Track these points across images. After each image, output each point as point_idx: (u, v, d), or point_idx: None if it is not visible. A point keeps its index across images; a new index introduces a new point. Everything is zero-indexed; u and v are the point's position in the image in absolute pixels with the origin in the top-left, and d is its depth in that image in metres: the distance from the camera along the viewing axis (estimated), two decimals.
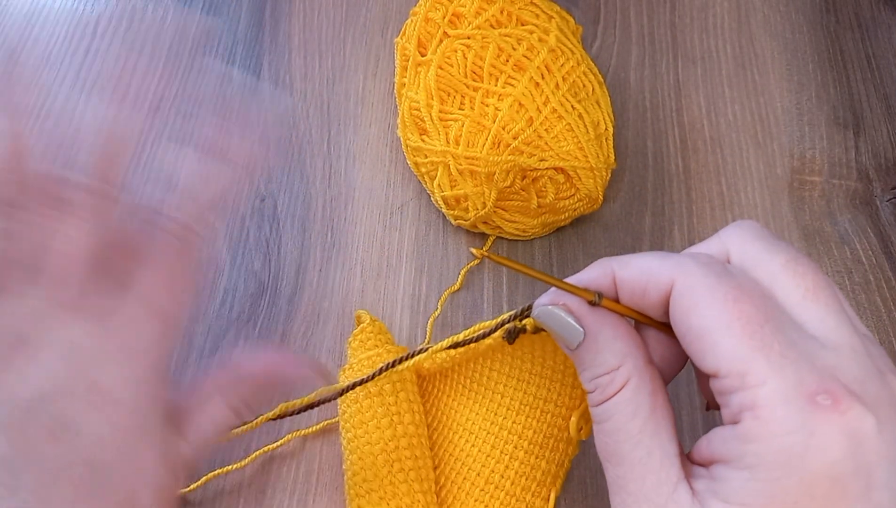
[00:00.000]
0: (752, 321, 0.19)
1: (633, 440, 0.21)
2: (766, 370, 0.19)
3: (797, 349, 0.19)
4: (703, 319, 0.20)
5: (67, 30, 0.47)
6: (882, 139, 0.43)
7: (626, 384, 0.21)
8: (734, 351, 0.19)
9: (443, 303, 0.37)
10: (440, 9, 0.39)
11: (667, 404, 0.22)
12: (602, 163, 0.36)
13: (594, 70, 0.38)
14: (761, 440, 0.18)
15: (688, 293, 0.20)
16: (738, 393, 0.19)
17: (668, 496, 0.20)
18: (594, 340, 0.22)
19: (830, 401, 0.18)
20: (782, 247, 0.21)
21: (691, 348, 0.20)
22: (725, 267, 0.21)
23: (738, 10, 0.48)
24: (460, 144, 0.35)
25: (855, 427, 0.18)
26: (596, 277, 0.23)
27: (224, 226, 0.40)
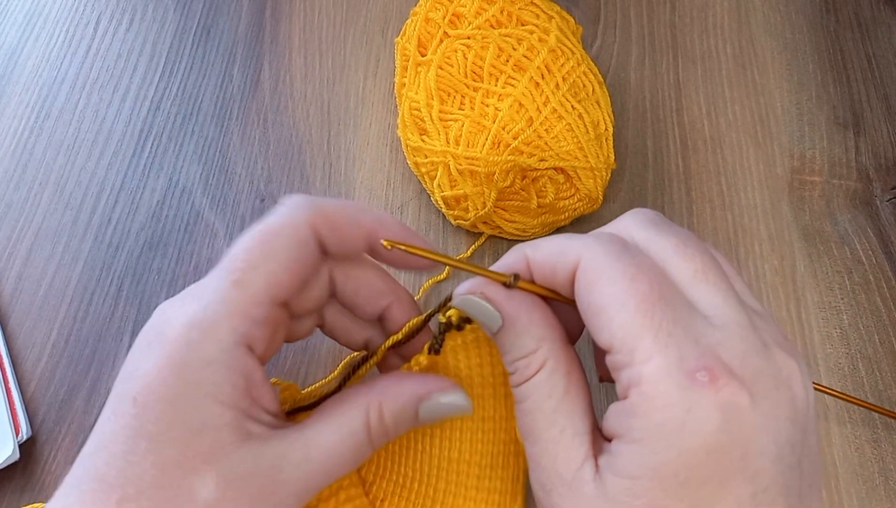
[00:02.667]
0: (646, 299, 0.20)
1: (548, 419, 0.22)
2: (652, 347, 0.19)
3: (683, 327, 0.20)
4: (601, 296, 0.21)
5: (67, 30, 0.47)
6: (882, 139, 0.43)
7: (542, 366, 0.22)
8: (626, 328, 0.20)
9: (426, 290, 0.37)
10: (440, 9, 0.39)
11: (582, 383, 0.23)
12: (602, 163, 0.36)
13: (594, 70, 0.38)
14: (645, 415, 0.19)
15: (590, 270, 0.21)
16: (626, 369, 0.20)
17: (574, 472, 0.21)
18: (512, 325, 0.23)
19: (708, 377, 0.19)
20: (673, 231, 0.23)
21: (590, 323, 0.21)
22: (627, 246, 0.22)
23: (738, 10, 0.48)
24: (460, 144, 0.35)
25: (730, 402, 0.19)
26: (512, 262, 0.24)
27: (224, 226, 0.40)
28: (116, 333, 0.36)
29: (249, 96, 0.44)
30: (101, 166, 0.41)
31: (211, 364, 0.22)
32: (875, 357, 0.37)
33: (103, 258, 0.38)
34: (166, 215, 0.40)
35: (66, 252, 0.39)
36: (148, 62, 0.45)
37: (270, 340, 0.24)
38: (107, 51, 0.46)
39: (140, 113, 0.43)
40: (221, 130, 0.43)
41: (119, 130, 0.43)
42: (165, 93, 0.44)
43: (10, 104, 0.44)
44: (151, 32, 0.47)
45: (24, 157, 0.42)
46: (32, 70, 0.45)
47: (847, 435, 0.34)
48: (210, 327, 0.22)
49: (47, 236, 0.39)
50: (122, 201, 0.40)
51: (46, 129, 0.43)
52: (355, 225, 0.26)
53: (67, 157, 0.42)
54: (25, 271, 0.38)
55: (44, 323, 0.37)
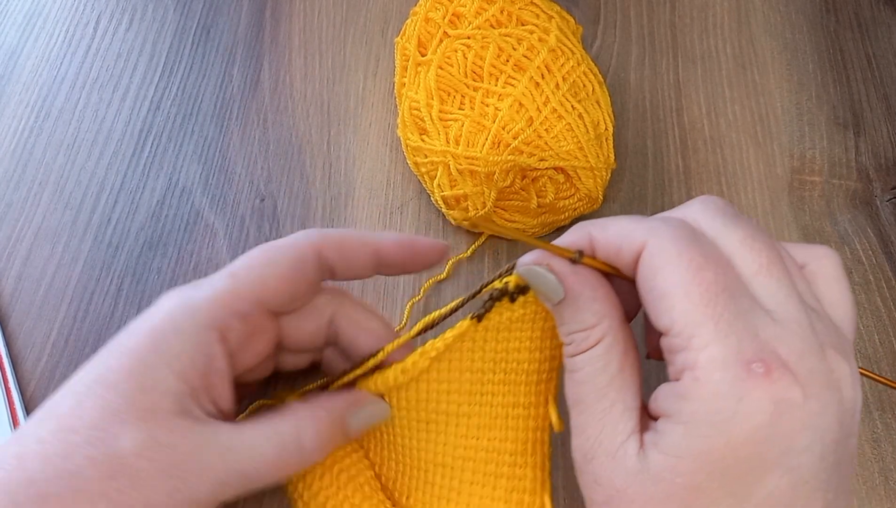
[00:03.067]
0: (710, 289, 0.20)
1: (600, 392, 0.23)
2: (711, 336, 0.20)
3: (744, 320, 0.20)
4: (665, 282, 0.21)
5: (67, 30, 0.47)
6: (882, 139, 0.43)
7: (600, 341, 0.23)
8: (687, 315, 0.20)
9: (426, 290, 0.37)
10: (440, 9, 0.39)
11: (636, 363, 0.23)
12: (602, 163, 0.36)
13: (594, 70, 0.38)
14: (696, 399, 0.20)
15: (656, 255, 0.22)
16: (682, 353, 0.20)
17: (619, 444, 0.22)
18: (575, 299, 0.23)
19: (763, 370, 0.19)
20: (742, 223, 0.23)
21: (650, 306, 0.22)
22: (695, 234, 0.22)
23: (738, 10, 0.48)
24: (460, 144, 0.35)
25: (782, 397, 0.19)
26: (576, 239, 0.24)
27: (224, 226, 0.40)
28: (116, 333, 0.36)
29: (249, 96, 0.44)
30: (100, 166, 0.41)
31: (179, 335, 0.24)
32: (875, 357, 0.37)
33: (103, 258, 0.38)
34: (166, 215, 0.40)
35: (66, 252, 0.39)
36: (148, 62, 0.45)
37: (247, 341, 0.26)
38: (107, 51, 0.46)
39: (140, 113, 0.43)
40: (221, 130, 0.43)
41: (119, 129, 0.43)
42: (165, 93, 0.44)
43: (10, 104, 0.44)
44: (151, 32, 0.47)
45: (24, 157, 0.42)
46: (32, 70, 0.45)
47: None
48: (193, 306, 0.24)
49: (47, 236, 0.39)
50: (121, 201, 0.40)
51: (46, 129, 0.43)
52: (360, 243, 0.27)
53: (67, 157, 0.42)
54: (25, 271, 0.38)
55: (44, 323, 0.36)
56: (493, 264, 0.39)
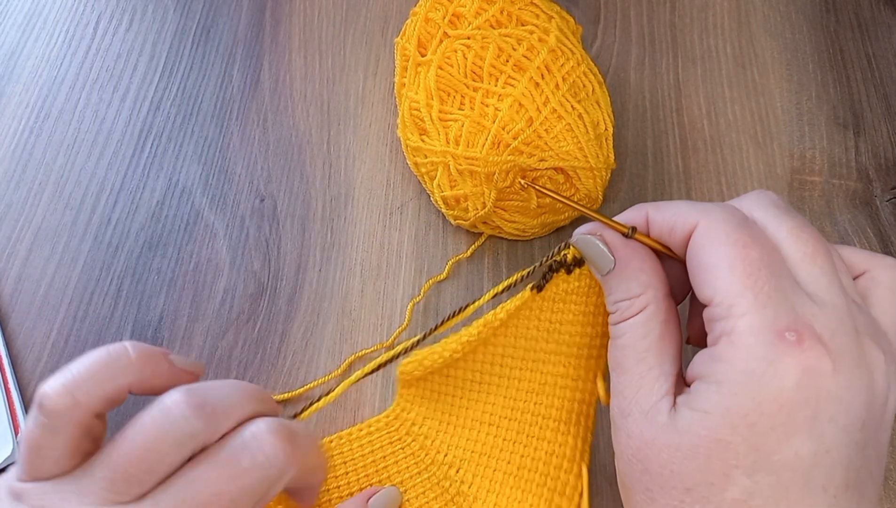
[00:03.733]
0: (754, 264, 0.22)
1: (639, 356, 0.24)
2: (750, 305, 0.21)
3: (784, 296, 0.21)
4: (712, 256, 0.23)
5: (67, 30, 0.47)
6: (882, 139, 0.43)
7: (643, 309, 0.24)
8: (730, 285, 0.22)
9: (426, 290, 0.37)
10: (440, 9, 0.39)
11: (676, 333, 0.25)
12: (602, 163, 0.36)
13: (594, 70, 0.38)
14: (729, 361, 0.21)
15: (707, 233, 0.23)
16: (722, 321, 0.22)
17: (653, 404, 0.23)
18: (623, 269, 0.25)
19: (795, 338, 0.21)
20: (792, 215, 0.24)
21: (696, 279, 0.23)
22: (745, 218, 0.24)
23: (738, 10, 0.48)
24: (460, 144, 0.35)
25: (811, 365, 0.20)
26: (633, 217, 0.26)
27: (224, 226, 0.40)
28: (116, 333, 0.36)
29: (249, 96, 0.44)
30: (100, 166, 0.41)
31: None
32: None
33: (103, 258, 0.38)
34: (166, 215, 0.40)
35: (66, 252, 0.39)
36: (148, 62, 0.45)
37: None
38: (107, 51, 0.46)
39: (140, 113, 0.43)
40: (221, 130, 0.43)
41: (119, 130, 0.43)
42: (165, 93, 0.44)
43: (10, 104, 0.44)
44: (151, 32, 0.47)
45: (24, 157, 0.42)
46: (32, 70, 0.45)
47: None
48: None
49: (47, 236, 0.39)
50: (121, 201, 0.40)
51: (46, 129, 0.43)
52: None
53: (67, 157, 0.42)
54: (25, 271, 0.38)
55: (44, 323, 0.37)
56: (493, 264, 0.39)
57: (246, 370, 0.36)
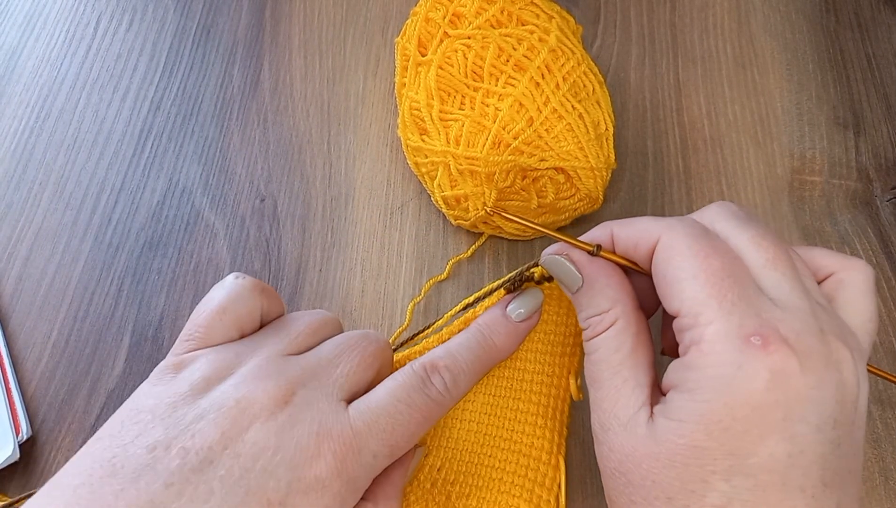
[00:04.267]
0: (716, 274, 0.22)
1: (614, 370, 0.25)
2: (715, 313, 0.22)
3: (748, 302, 0.22)
4: (676, 269, 0.23)
5: (67, 30, 0.47)
6: (882, 139, 0.43)
7: (613, 324, 0.25)
8: (694, 296, 0.22)
9: (426, 290, 0.37)
10: (440, 9, 0.39)
11: (648, 344, 0.25)
12: (602, 163, 0.36)
13: (594, 70, 0.38)
14: (700, 368, 0.22)
15: (669, 246, 0.24)
16: (690, 330, 0.22)
17: (631, 416, 0.24)
18: (590, 286, 0.26)
19: (761, 342, 0.21)
20: (752, 224, 0.24)
21: (663, 292, 0.24)
22: (705, 229, 0.24)
23: (738, 10, 0.48)
24: (460, 144, 0.35)
25: (779, 367, 0.21)
26: (598, 235, 0.27)
27: (224, 226, 0.40)
28: (116, 333, 0.36)
29: (249, 96, 0.44)
30: (101, 166, 0.41)
31: None
32: (875, 357, 0.37)
33: (103, 258, 0.38)
34: (166, 215, 0.40)
35: (66, 252, 0.39)
36: (148, 62, 0.45)
37: None
38: (107, 51, 0.46)
39: (140, 113, 0.43)
40: (221, 130, 0.43)
41: (119, 130, 0.43)
42: (165, 93, 0.44)
43: (10, 104, 0.44)
44: (151, 32, 0.47)
45: (24, 157, 0.42)
46: (32, 70, 0.45)
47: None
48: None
49: (47, 236, 0.39)
50: (122, 201, 0.40)
51: (46, 129, 0.43)
52: None
53: (67, 157, 0.42)
54: (25, 271, 0.38)
55: (44, 323, 0.37)
56: (493, 263, 0.39)
57: None
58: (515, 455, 0.31)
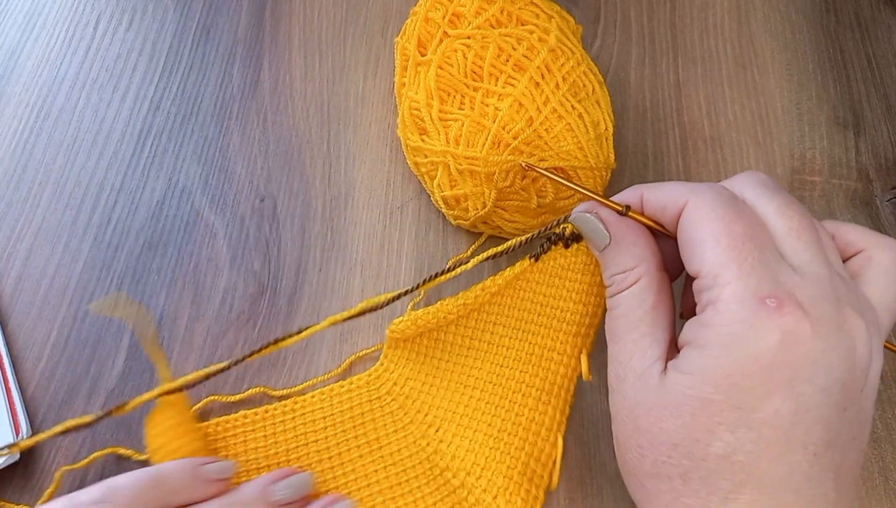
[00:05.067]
0: (739, 238, 0.23)
1: (633, 325, 0.25)
2: (734, 275, 0.22)
3: (767, 266, 0.23)
4: (700, 232, 0.24)
5: (67, 30, 0.47)
6: (882, 139, 0.43)
7: (636, 281, 0.26)
8: (715, 257, 0.23)
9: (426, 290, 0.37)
10: (440, 9, 0.39)
11: (669, 303, 0.26)
12: (602, 163, 0.36)
13: (594, 70, 0.38)
14: (713, 326, 0.22)
15: (695, 210, 0.24)
16: (709, 291, 0.23)
17: (645, 368, 0.24)
18: (617, 244, 0.27)
19: (775, 304, 0.22)
20: (780, 193, 0.25)
21: (686, 253, 0.24)
22: (733, 196, 0.25)
23: (738, 10, 0.48)
24: (460, 144, 0.35)
25: (790, 328, 0.21)
26: (628, 197, 0.28)
27: (224, 226, 0.40)
28: (116, 333, 0.36)
29: (249, 96, 0.44)
30: (100, 166, 0.41)
31: None
32: None
33: (103, 258, 0.38)
34: (166, 215, 0.40)
35: (66, 252, 0.39)
36: (148, 62, 0.45)
37: None
38: (107, 51, 0.46)
39: (140, 113, 0.43)
40: (221, 130, 0.43)
41: (119, 130, 0.43)
42: (165, 93, 0.44)
43: (10, 104, 0.44)
44: (151, 32, 0.47)
45: (24, 157, 0.42)
46: (32, 70, 0.45)
47: None
48: None
49: (47, 236, 0.39)
50: (121, 201, 0.40)
51: (46, 129, 0.43)
52: None
53: (67, 157, 0.42)
54: (25, 271, 0.38)
55: (44, 323, 0.36)
56: (493, 263, 0.39)
57: (246, 370, 0.36)
58: (515, 427, 0.31)
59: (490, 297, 0.31)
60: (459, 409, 0.32)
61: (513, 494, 0.30)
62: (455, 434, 0.31)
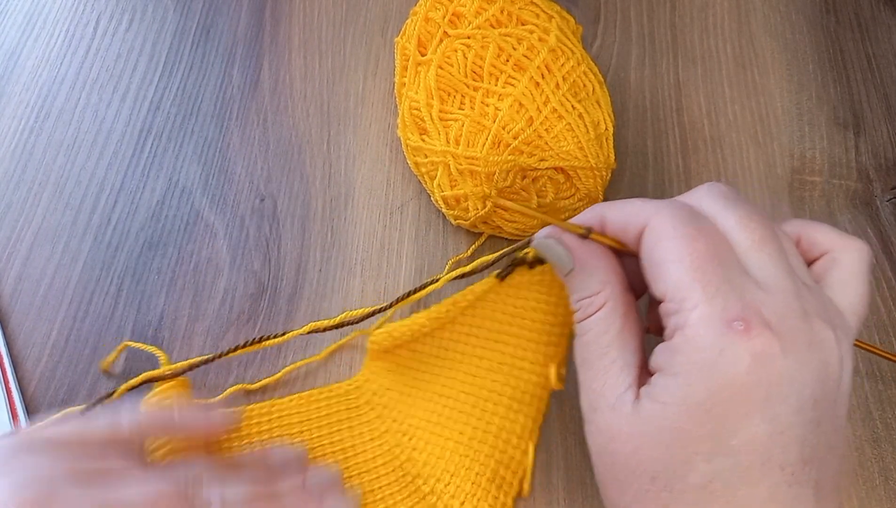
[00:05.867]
0: (702, 257, 0.22)
1: (602, 351, 0.25)
2: (700, 298, 0.22)
3: (732, 285, 0.22)
4: (663, 251, 0.23)
5: (67, 30, 0.47)
6: (882, 139, 0.43)
7: (602, 306, 0.25)
8: (680, 280, 0.23)
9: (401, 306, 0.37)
10: (440, 8, 0.39)
11: (636, 325, 0.26)
12: (602, 163, 0.36)
13: (594, 70, 0.38)
14: (684, 353, 0.22)
15: (656, 230, 0.24)
16: (675, 315, 0.23)
17: (618, 396, 0.24)
18: (581, 268, 0.26)
19: (744, 326, 0.21)
20: (740, 204, 0.25)
21: (650, 275, 0.24)
22: (694, 212, 0.24)
23: (738, 10, 0.48)
24: (460, 144, 0.35)
25: (760, 350, 0.21)
26: (589, 217, 0.27)
27: (224, 226, 0.40)
28: (116, 333, 0.36)
29: (249, 96, 0.44)
30: (100, 166, 0.41)
31: None
32: (875, 357, 0.36)
33: (103, 258, 0.38)
34: (166, 215, 0.40)
35: (66, 252, 0.39)
36: (148, 62, 0.45)
37: None
38: (107, 51, 0.46)
39: (140, 113, 0.43)
40: (221, 130, 0.43)
41: (119, 130, 0.43)
42: (165, 93, 0.44)
43: (10, 104, 0.44)
44: (151, 32, 0.47)
45: (24, 157, 0.42)
46: (32, 70, 0.45)
47: (847, 435, 0.34)
48: None
49: (47, 236, 0.39)
50: (121, 201, 0.40)
51: (46, 129, 0.43)
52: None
53: (67, 157, 0.42)
54: (25, 271, 0.38)
55: (44, 323, 0.36)
56: None
57: (246, 370, 0.36)
58: (485, 435, 0.31)
59: (461, 310, 0.32)
60: (433, 418, 0.32)
61: (480, 500, 0.30)
62: (428, 442, 0.32)
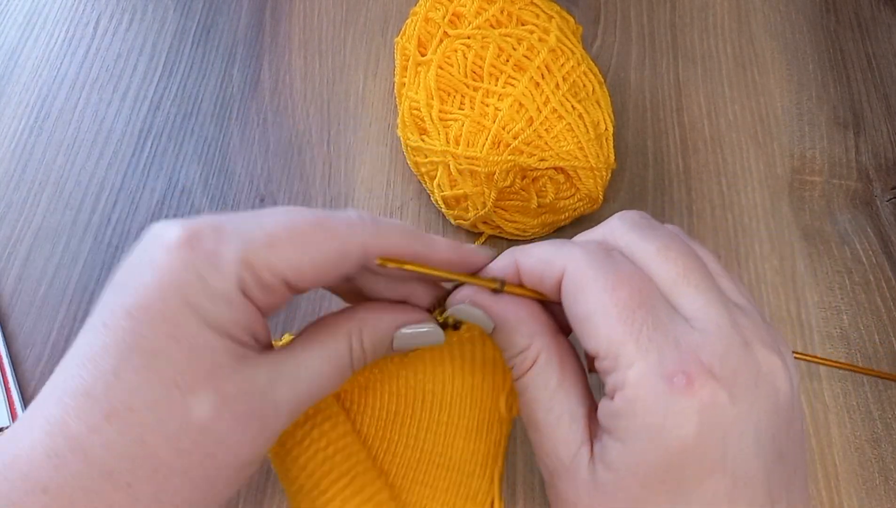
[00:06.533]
0: (627, 306, 0.21)
1: (546, 408, 0.24)
2: (633, 353, 0.20)
3: (664, 332, 0.21)
4: (586, 305, 0.22)
5: (67, 30, 0.47)
6: (882, 139, 0.43)
7: (536, 360, 0.24)
8: (609, 335, 0.21)
9: None
10: (440, 9, 0.39)
11: (576, 370, 0.24)
12: (602, 163, 0.36)
13: (594, 70, 0.38)
14: (628, 417, 0.21)
15: (574, 281, 0.22)
16: (612, 374, 0.21)
17: (572, 457, 0.23)
18: (503, 326, 0.25)
19: (685, 381, 0.20)
20: (656, 234, 0.23)
21: (577, 330, 0.22)
22: (610, 254, 0.23)
23: (738, 10, 0.48)
24: (460, 144, 0.35)
25: (707, 403, 0.20)
26: (503, 266, 0.25)
27: None
28: None
29: (249, 96, 0.44)
30: (100, 166, 0.41)
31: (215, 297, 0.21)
32: (875, 357, 0.37)
33: (103, 258, 0.38)
34: (166, 215, 0.40)
35: (66, 252, 0.39)
36: (148, 62, 0.45)
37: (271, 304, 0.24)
38: (107, 51, 0.46)
39: (140, 113, 0.43)
40: (221, 130, 0.43)
41: (119, 130, 0.43)
42: (165, 93, 0.44)
43: (10, 104, 0.44)
44: (151, 32, 0.47)
45: (24, 157, 0.42)
46: (32, 70, 0.45)
47: (847, 435, 0.34)
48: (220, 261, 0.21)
49: (47, 236, 0.39)
50: (121, 201, 0.40)
51: (46, 129, 0.43)
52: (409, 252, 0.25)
53: (67, 157, 0.42)
54: (25, 271, 0.38)
55: (44, 323, 0.36)
56: None
57: None
58: (448, 472, 0.31)
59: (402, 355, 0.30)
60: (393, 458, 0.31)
61: None
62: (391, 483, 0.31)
